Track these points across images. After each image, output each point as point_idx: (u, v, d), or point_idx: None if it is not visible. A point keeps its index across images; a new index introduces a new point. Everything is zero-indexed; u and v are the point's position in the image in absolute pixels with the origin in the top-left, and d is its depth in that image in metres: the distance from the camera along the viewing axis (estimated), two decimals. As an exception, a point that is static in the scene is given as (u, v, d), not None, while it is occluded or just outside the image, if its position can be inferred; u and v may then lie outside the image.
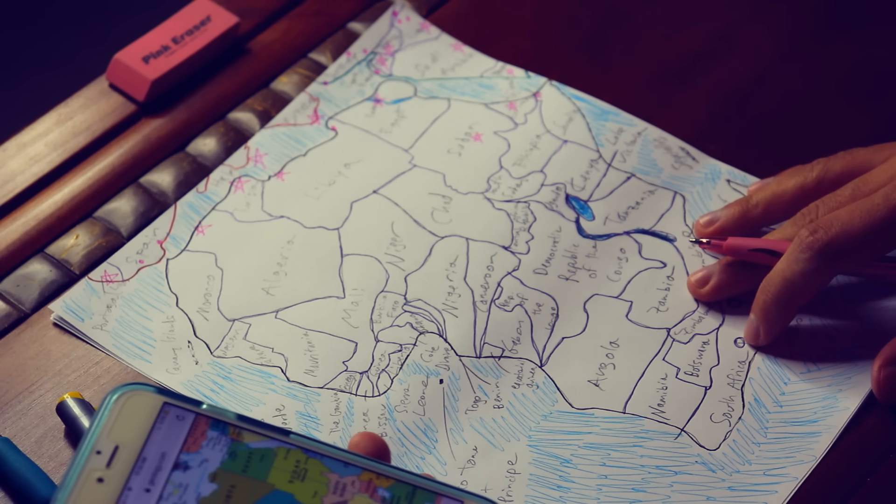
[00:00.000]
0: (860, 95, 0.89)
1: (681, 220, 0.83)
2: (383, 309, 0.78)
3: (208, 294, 0.79)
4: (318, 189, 0.84)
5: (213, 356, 0.77)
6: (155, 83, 0.86)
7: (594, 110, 0.87)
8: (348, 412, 0.75)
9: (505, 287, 0.79)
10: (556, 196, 0.83)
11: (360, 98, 0.88)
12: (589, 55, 0.90)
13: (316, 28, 0.91)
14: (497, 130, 0.86)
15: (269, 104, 0.87)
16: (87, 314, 0.78)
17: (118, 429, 0.59)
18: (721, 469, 0.73)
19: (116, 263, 0.80)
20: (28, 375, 0.76)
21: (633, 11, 0.93)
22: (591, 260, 0.81)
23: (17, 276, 0.79)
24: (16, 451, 0.72)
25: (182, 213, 0.83)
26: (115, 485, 0.58)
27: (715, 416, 0.75)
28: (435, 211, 0.83)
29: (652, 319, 0.79)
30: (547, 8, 0.93)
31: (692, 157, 0.85)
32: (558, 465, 0.73)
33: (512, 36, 0.91)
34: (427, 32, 0.92)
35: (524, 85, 0.89)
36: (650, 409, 0.75)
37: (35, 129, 0.86)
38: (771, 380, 0.76)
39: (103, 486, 0.58)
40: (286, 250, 0.81)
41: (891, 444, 0.74)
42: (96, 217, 0.82)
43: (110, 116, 0.87)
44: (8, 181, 0.84)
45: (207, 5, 0.89)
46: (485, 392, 0.76)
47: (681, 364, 0.77)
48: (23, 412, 0.74)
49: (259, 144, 0.86)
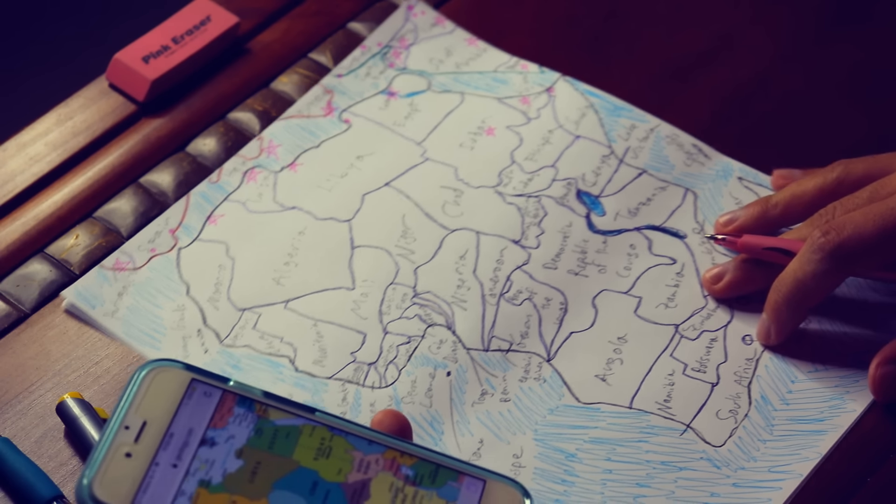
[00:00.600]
0: (861, 96, 0.89)
1: (692, 217, 0.83)
2: (392, 301, 0.79)
3: (219, 283, 0.79)
4: (331, 181, 0.84)
5: (222, 345, 0.77)
6: (155, 83, 0.86)
7: (607, 106, 0.87)
8: (355, 403, 0.75)
9: (514, 281, 0.80)
10: (568, 191, 0.84)
11: (374, 91, 0.89)
12: (589, 55, 0.90)
13: (316, 28, 0.92)
14: (510, 125, 0.87)
15: (269, 104, 0.87)
16: (99, 301, 0.78)
17: (146, 405, 0.61)
18: (726, 465, 0.73)
19: (128, 252, 0.81)
20: (28, 375, 0.76)
21: (634, 11, 0.93)
22: (600, 255, 0.81)
23: (16, 276, 0.80)
24: (15, 452, 0.72)
25: (195, 202, 0.83)
26: (142, 460, 0.60)
27: (721, 413, 0.75)
28: (446, 204, 0.83)
29: (660, 315, 0.79)
30: (548, 7, 0.93)
31: (704, 154, 0.85)
32: (563, 460, 0.73)
33: (513, 35, 0.91)
34: (442, 27, 0.92)
35: (538, 80, 0.89)
36: (656, 405, 0.75)
37: (35, 129, 0.86)
38: (778, 378, 0.76)
39: (131, 460, 0.59)
40: (297, 241, 0.81)
41: (891, 444, 0.74)
42: (96, 217, 0.82)
43: (110, 116, 0.87)
44: (8, 181, 0.84)
45: (207, 5, 0.89)
46: (492, 385, 0.76)
47: (688, 360, 0.77)
48: (22, 412, 0.75)
49: (272, 136, 0.86)
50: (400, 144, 0.86)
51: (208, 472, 0.60)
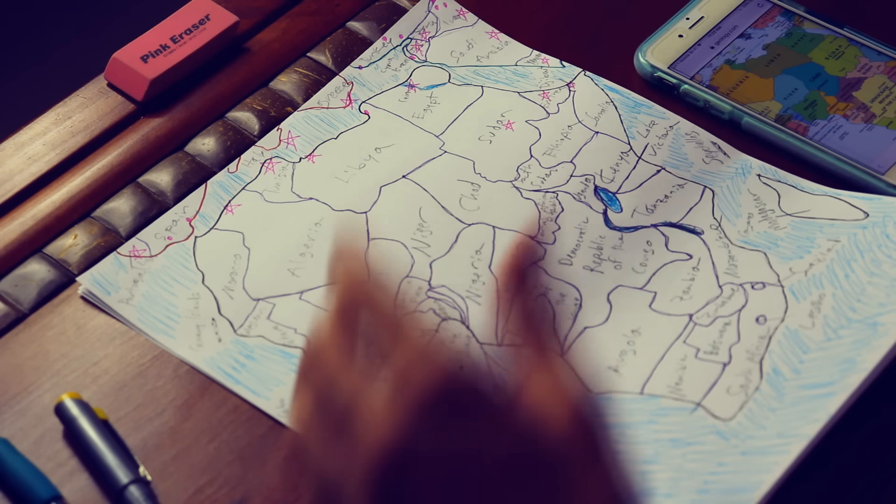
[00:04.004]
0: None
1: (709, 214, 0.83)
2: (407, 294, 0.79)
3: (234, 273, 0.80)
4: (348, 172, 0.84)
5: (236, 334, 0.77)
6: (154, 82, 0.86)
7: (627, 102, 0.87)
8: (367, 395, 0.75)
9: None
10: (585, 187, 0.83)
11: (394, 83, 0.89)
12: (589, 55, 0.90)
13: (315, 27, 0.91)
14: (529, 119, 0.86)
15: (268, 103, 0.87)
16: (114, 288, 0.79)
17: (710, 4, 0.87)
18: (735, 437, 0.72)
19: (145, 239, 0.81)
20: (26, 376, 0.76)
21: (634, 12, 0.92)
22: (616, 252, 0.81)
23: (15, 277, 0.79)
24: (14, 452, 0.72)
25: (212, 192, 0.83)
26: (689, 40, 0.87)
27: (732, 389, 0.74)
28: (463, 198, 0.83)
29: (675, 307, 0.78)
30: (547, 7, 0.93)
31: (723, 152, 0.85)
32: (573, 451, 0.73)
33: (512, 35, 0.91)
34: (463, 19, 0.92)
35: (558, 75, 0.89)
36: (667, 388, 0.75)
37: (33, 129, 0.86)
38: (791, 350, 0.76)
39: (682, 39, 0.87)
40: (313, 232, 0.81)
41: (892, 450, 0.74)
42: (95, 217, 0.82)
43: (109, 116, 0.87)
44: (6, 181, 0.84)
45: (206, 4, 0.89)
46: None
47: (701, 345, 0.76)
48: (21, 413, 0.74)
49: (291, 126, 0.86)
50: (418, 137, 0.86)
51: (736, 55, 0.85)
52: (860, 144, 0.84)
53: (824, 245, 0.80)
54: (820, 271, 0.79)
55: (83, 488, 0.72)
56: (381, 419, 0.55)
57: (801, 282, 0.79)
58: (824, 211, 0.82)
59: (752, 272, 0.80)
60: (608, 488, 0.56)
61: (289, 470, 0.72)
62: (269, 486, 0.72)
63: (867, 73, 0.86)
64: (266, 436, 0.74)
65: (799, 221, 0.82)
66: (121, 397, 0.75)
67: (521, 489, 0.55)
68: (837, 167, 0.84)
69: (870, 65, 0.86)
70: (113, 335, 0.78)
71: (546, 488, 0.55)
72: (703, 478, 0.71)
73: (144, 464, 0.73)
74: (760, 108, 0.86)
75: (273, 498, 0.71)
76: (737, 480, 0.71)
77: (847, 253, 0.79)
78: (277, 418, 0.74)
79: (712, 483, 0.71)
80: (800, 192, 0.83)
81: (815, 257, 0.80)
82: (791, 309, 0.77)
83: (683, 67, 0.87)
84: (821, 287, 0.78)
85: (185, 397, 0.75)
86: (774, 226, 0.82)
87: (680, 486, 0.71)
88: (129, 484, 0.71)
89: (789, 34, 0.87)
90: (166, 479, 0.72)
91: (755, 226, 0.82)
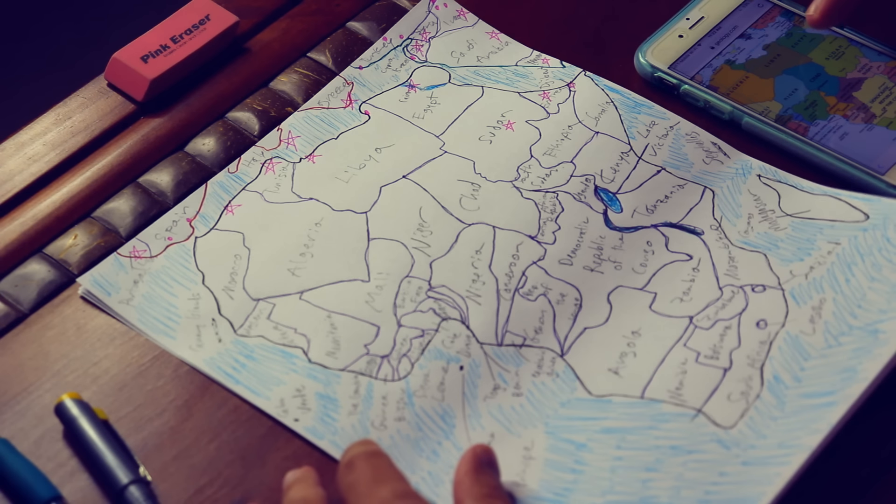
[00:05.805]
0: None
1: (709, 215, 0.83)
2: (407, 294, 0.79)
3: (234, 273, 0.80)
4: (349, 172, 0.84)
5: (236, 335, 0.77)
6: (154, 82, 0.86)
7: (627, 102, 0.87)
8: (367, 395, 0.75)
9: (529, 276, 0.79)
10: (585, 187, 0.83)
11: (395, 83, 0.89)
12: (589, 55, 0.90)
13: (315, 27, 0.91)
14: (529, 119, 0.87)
15: (268, 104, 0.87)
16: (115, 289, 0.79)
17: (710, 4, 0.87)
18: (736, 446, 0.73)
19: (145, 239, 0.81)
20: (26, 376, 0.76)
21: (633, 12, 0.92)
22: (617, 252, 0.81)
23: (15, 277, 0.79)
24: (14, 452, 0.72)
25: (212, 192, 0.83)
26: (689, 40, 0.86)
27: (732, 396, 0.74)
28: (463, 198, 0.83)
29: (675, 309, 0.78)
30: (547, 7, 0.93)
31: (724, 153, 0.85)
32: (573, 450, 0.73)
33: (511, 35, 0.91)
34: (464, 19, 0.92)
35: (559, 75, 0.89)
36: (668, 393, 0.75)
37: (33, 129, 0.86)
38: (791, 357, 0.76)
39: (682, 39, 0.86)
40: (313, 232, 0.81)
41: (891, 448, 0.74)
42: (95, 217, 0.82)
43: (109, 116, 0.87)
44: (6, 181, 0.84)
45: (207, 4, 0.89)
46: (504, 380, 0.76)
47: (701, 349, 0.76)
48: (21, 413, 0.75)
49: (292, 127, 0.86)
50: (419, 137, 0.86)
51: (737, 56, 0.84)
52: (860, 145, 0.84)
53: (825, 247, 0.80)
54: (820, 275, 0.79)
55: (83, 488, 0.72)
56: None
57: (801, 285, 0.79)
58: (824, 211, 0.82)
59: (752, 274, 0.80)
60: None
61: (289, 470, 0.72)
62: (269, 487, 0.72)
63: (867, 74, 0.86)
64: (266, 436, 0.74)
65: (799, 222, 0.82)
66: (121, 397, 0.75)
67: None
68: (837, 167, 0.84)
69: (870, 65, 0.86)
70: (113, 335, 0.78)
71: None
72: (705, 488, 0.71)
73: (144, 464, 0.73)
74: (760, 109, 0.86)
75: (273, 498, 0.72)
76: (738, 492, 0.71)
77: (847, 256, 0.79)
78: (277, 418, 0.74)
79: (714, 493, 0.71)
80: (800, 192, 0.83)
81: (815, 260, 0.80)
82: (792, 313, 0.77)
83: (683, 67, 0.87)
84: (821, 291, 0.78)
85: (186, 397, 0.75)
86: (775, 226, 0.82)
87: (681, 496, 0.71)
88: (129, 484, 0.71)
89: (789, 34, 0.87)
90: (166, 479, 0.72)
91: (755, 226, 0.82)
